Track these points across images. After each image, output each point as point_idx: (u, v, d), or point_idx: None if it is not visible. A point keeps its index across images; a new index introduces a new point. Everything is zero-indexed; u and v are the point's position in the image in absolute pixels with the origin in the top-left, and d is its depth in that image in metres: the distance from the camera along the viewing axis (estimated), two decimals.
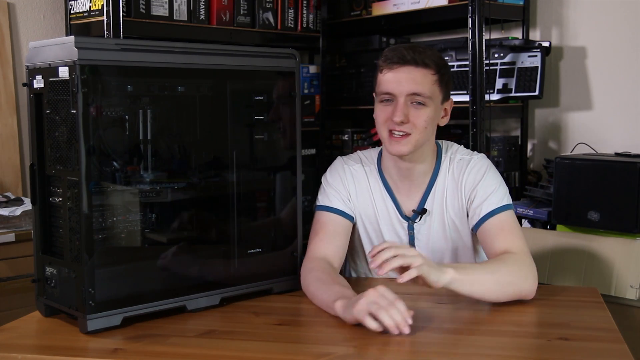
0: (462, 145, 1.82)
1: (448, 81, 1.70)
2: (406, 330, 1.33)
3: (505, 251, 1.61)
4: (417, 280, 1.43)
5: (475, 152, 1.79)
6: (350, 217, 1.76)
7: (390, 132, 1.66)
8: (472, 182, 1.71)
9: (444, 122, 1.73)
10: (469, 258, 1.79)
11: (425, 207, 1.75)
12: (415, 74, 1.64)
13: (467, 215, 1.73)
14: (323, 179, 1.81)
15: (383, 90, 1.67)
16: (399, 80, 1.64)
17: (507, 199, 1.70)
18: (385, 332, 1.33)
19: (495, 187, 1.70)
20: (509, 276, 1.54)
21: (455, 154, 1.77)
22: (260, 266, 1.62)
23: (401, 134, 1.65)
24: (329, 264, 1.65)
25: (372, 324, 1.33)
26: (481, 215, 1.68)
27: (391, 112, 1.65)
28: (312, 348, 1.32)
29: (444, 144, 1.80)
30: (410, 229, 1.76)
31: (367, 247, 1.80)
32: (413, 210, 1.76)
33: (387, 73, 1.66)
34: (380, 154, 1.82)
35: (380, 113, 1.68)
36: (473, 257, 1.80)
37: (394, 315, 1.33)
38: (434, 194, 1.75)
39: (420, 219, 1.75)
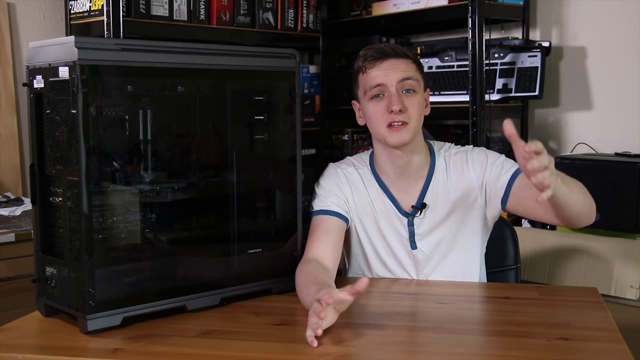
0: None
1: (423, 70, 1.77)
2: (312, 343, 1.31)
3: None
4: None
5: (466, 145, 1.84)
6: (345, 219, 1.77)
7: (389, 124, 1.69)
8: (480, 165, 1.75)
9: (427, 111, 1.78)
10: (474, 250, 1.79)
11: (424, 201, 1.76)
12: (399, 63, 1.71)
13: (485, 200, 1.75)
14: (316, 186, 1.82)
15: (372, 84, 1.71)
16: (387, 71, 1.70)
17: (517, 165, 1.72)
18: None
19: (502, 158, 1.76)
20: (586, 190, 1.59)
21: (450, 149, 1.82)
22: (260, 266, 1.62)
23: (399, 123, 1.68)
24: (318, 263, 1.65)
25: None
26: (507, 181, 1.70)
27: (386, 105, 1.69)
28: (312, 348, 1.32)
29: (435, 143, 1.84)
30: (410, 224, 1.76)
31: (367, 247, 1.81)
32: (412, 206, 1.76)
33: (372, 69, 1.72)
34: (371, 156, 1.83)
35: (375, 109, 1.71)
36: (479, 249, 1.80)
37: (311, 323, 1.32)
38: (434, 187, 1.76)
39: (420, 214, 1.76)
